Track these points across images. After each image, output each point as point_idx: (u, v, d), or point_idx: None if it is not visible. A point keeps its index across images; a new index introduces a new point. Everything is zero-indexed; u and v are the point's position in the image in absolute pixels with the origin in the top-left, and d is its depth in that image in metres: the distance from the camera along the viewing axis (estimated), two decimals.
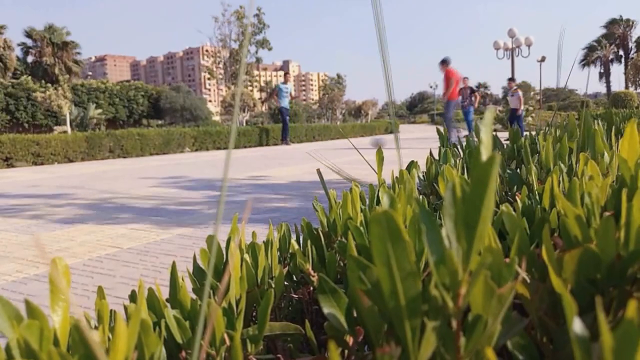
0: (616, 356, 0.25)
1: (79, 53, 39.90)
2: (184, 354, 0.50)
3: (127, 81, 36.70)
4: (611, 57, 52.16)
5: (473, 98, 13.90)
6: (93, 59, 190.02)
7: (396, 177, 0.74)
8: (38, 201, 4.36)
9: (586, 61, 50.92)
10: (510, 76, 13.56)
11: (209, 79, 31.84)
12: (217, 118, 37.02)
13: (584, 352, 0.30)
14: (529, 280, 0.45)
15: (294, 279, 0.72)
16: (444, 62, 11.35)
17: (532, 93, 52.42)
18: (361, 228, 0.55)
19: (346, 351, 0.48)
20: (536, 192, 0.71)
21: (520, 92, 12.83)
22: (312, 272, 0.67)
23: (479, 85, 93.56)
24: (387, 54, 0.68)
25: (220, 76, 30.68)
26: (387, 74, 0.73)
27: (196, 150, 12.34)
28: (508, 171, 0.91)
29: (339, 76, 65.32)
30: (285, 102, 13.22)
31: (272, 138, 14.25)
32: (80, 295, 1.88)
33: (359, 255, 0.43)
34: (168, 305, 0.53)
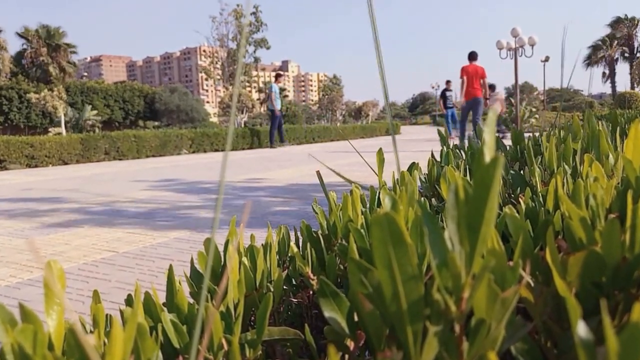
0: None
1: (74, 52, 39.62)
2: (181, 358, 0.49)
3: (123, 82, 36.53)
4: (616, 56, 51.92)
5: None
6: (88, 59, 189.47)
7: (397, 179, 0.74)
8: (32, 204, 4.34)
9: (591, 61, 50.53)
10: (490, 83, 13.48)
11: (206, 79, 31.91)
12: (214, 119, 36.96)
13: (588, 356, 0.29)
14: (532, 284, 0.44)
15: (293, 282, 0.71)
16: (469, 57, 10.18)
17: (535, 93, 52.36)
18: (362, 230, 0.54)
19: (347, 356, 0.47)
20: (540, 194, 0.70)
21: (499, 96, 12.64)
22: (311, 276, 0.66)
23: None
24: (382, 60, 0.67)
25: (218, 77, 30.65)
26: (383, 77, 0.72)
27: (193, 152, 12.32)
28: (511, 172, 0.91)
29: (335, 77, 65.34)
30: (279, 104, 13.22)
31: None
32: (75, 300, 1.87)
33: (359, 258, 0.42)
34: (165, 309, 0.53)
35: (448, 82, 16.00)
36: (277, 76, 13.78)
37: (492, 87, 13.97)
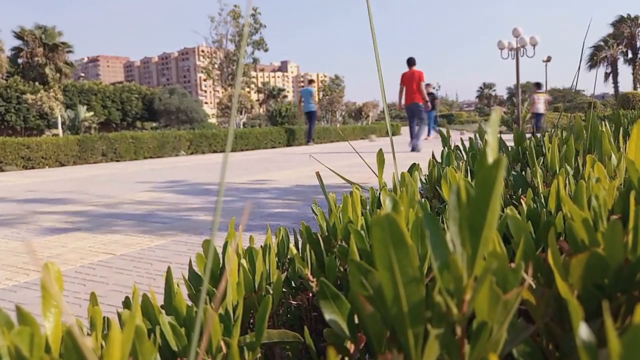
0: None
1: (71, 52, 39.31)
2: None
3: (121, 82, 36.34)
4: (619, 56, 51.54)
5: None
6: (86, 59, 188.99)
7: (398, 180, 0.73)
8: (29, 206, 4.32)
9: (593, 61, 50.07)
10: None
11: (205, 80, 32.00)
12: (213, 120, 36.87)
13: (590, 358, 0.29)
14: (534, 286, 0.44)
15: (293, 284, 0.71)
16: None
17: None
18: (362, 232, 0.54)
19: (347, 358, 0.47)
20: (542, 195, 0.70)
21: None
22: (311, 278, 0.65)
23: (483, 86, 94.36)
24: (380, 64, 0.67)
25: (217, 77, 30.65)
26: (381, 79, 0.72)
27: (192, 153, 12.30)
28: (513, 173, 0.90)
29: (337, 77, 65.10)
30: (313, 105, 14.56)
31: (270, 141, 14.26)
32: (72, 303, 1.86)
33: (360, 260, 0.42)
34: (163, 311, 0.52)
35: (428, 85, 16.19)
36: (310, 82, 15.45)
37: (538, 85, 14.46)
